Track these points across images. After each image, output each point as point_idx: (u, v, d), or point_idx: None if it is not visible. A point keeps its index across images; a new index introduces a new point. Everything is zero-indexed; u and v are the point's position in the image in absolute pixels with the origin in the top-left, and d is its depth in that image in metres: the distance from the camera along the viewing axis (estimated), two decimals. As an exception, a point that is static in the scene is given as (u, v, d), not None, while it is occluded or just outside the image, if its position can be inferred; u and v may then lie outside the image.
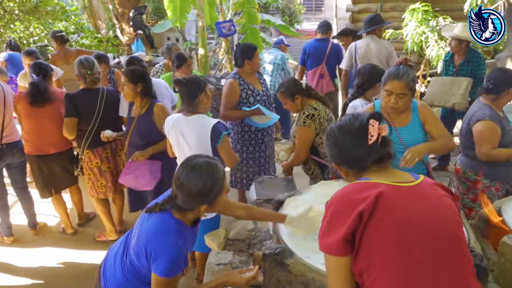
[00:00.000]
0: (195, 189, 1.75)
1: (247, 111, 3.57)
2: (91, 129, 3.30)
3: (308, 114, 2.93)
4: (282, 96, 3.04)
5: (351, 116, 1.47)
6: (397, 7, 9.67)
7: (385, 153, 1.39)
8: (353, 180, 1.42)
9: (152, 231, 1.80)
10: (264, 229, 2.66)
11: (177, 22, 7.78)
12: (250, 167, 3.84)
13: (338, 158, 1.47)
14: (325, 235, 1.29)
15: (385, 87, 2.41)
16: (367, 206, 1.23)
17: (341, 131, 1.44)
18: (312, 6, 18.29)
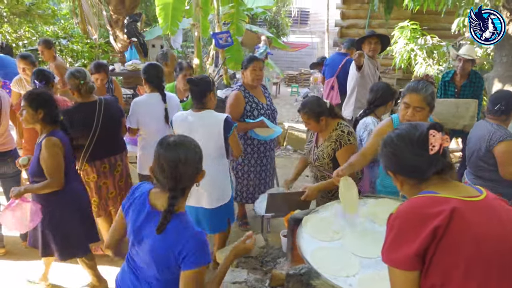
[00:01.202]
0: (191, 157, 1.72)
1: (251, 123, 3.55)
2: (90, 143, 3.18)
3: (348, 131, 2.89)
4: (306, 116, 2.91)
5: (410, 126, 1.47)
6: (384, 24, 9.90)
7: (447, 164, 1.39)
8: (410, 190, 1.43)
9: (172, 236, 1.65)
10: (276, 246, 2.63)
11: (168, 30, 7.73)
12: (251, 180, 3.82)
13: (396, 167, 1.46)
14: (393, 249, 1.28)
15: (403, 99, 2.46)
16: (442, 222, 1.21)
17: (401, 140, 1.43)
18: (297, 20, 18.51)
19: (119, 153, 3.41)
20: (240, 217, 4.14)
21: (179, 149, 1.70)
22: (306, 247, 2.06)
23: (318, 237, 2.15)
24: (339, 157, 2.88)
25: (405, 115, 2.44)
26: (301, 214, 2.34)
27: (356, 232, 2.20)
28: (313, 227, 2.22)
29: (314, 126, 2.95)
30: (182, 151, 1.70)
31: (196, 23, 5.95)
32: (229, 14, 6.57)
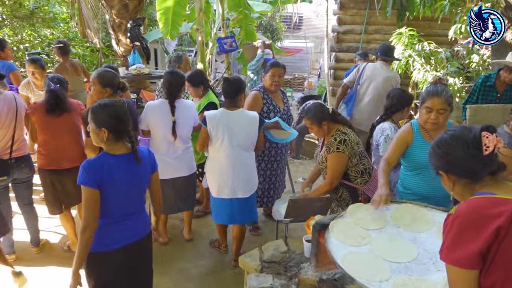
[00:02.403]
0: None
1: (266, 123, 3.59)
2: None
3: (340, 139, 2.94)
4: (309, 121, 3.03)
5: (462, 127, 1.52)
6: (380, 30, 10.04)
7: (501, 164, 1.44)
8: (462, 190, 1.48)
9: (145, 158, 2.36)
10: (298, 251, 2.65)
11: (168, 35, 7.73)
12: (260, 184, 3.83)
13: (449, 167, 1.50)
14: (453, 248, 1.32)
15: (424, 104, 2.52)
16: (504, 223, 1.25)
17: (455, 140, 1.48)
18: (291, 24, 18.64)
19: None
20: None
21: (121, 104, 2.26)
22: (336, 252, 2.08)
23: (346, 242, 2.17)
24: (327, 161, 3.01)
25: (429, 119, 2.51)
26: (328, 219, 2.36)
27: (382, 237, 2.23)
28: (340, 232, 2.24)
29: (317, 131, 3.07)
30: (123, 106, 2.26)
31: (200, 28, 5.96)
32: (238, 19, 6.58)
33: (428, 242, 2.15)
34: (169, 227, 3.93)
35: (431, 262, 1.99)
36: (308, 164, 6.04)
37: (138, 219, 2.36)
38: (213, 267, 3.52)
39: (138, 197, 2.34)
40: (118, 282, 2.31)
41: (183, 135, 3.54)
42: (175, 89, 3.48)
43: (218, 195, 3.35)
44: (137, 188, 2.30)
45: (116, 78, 3.23)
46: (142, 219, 2.40)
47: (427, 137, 2.61)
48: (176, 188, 3.61)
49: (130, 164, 2.21)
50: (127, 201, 2.25)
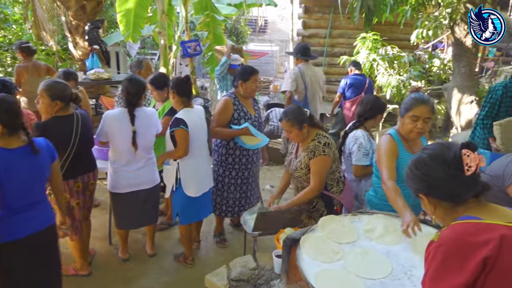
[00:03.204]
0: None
1: (236, 130, 3.49)
2: (65, 161, 2.95)
3: (325, 142, 2.83)
4: (290, 124, 2.85)
5: (441, 145, 1.41)
6: (344, 34, 10.12)
7: (485, 185, 1.34)
8: (444, 214, 1.37)
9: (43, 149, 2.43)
10: (267, 267, 2.52)
11: (130, 38, 7.47)
12: (231, 193, 3.71)
13: (429, 189, 1.39)
14: (437, 279, 1.21)
15: (410, 113, 2.46)
16: (492, 252, 1.16)
17: (435, 160, 1.37)
18: (256, 28, 18.59)
19: (92, 171, 3.20)
20: (218, 233, 4.00)
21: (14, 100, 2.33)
22: (308, 270, 1.97)
23: (318, 259, 2.06)
24: (311, 166, 2.86)
25: (414, 128, 2.46)
26: (298, 234, 2.25)
27: (355, 251, 2.13)
28: (311, 248, 2.13)
29: (297, 134, 2.89)
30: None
31: (162, 31, 5.76)
32: (205, 23, 6.41)
33: (402, 255, 2.08)
34: (131, 242, 3.71)
35: (406, 277, 1.92)
36: (275, 170, 5.93)
37: (41, 210, 2.45)
38: (177, 284, 3.33)
39: (39, 188, 2.43)
40: (22, 272, 2.38)
41: (145, 145, 3.35)
42: (135, 97, 3.28)
43: (197, 194, 3.41)
44: (37, 179, 2.39)
45: (67, 90, 2.96)
46: (44, 209, 2.49)
47: (408, 148, 2.56)
48: (139, 201, 3.40)
49: (27, 156, 2.28)
50: (27, 192, 2.33)
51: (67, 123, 2.98)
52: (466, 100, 6.21)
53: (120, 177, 3.32)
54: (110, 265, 3.54)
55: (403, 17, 6.73)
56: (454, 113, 6.39)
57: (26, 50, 4.67)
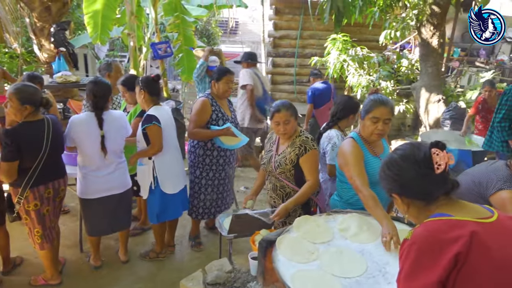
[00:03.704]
0: None
1: (216, 130, 3.47)
2: (36, 167, 2.86)
3: (312, 138, 2.84)
4: (289, 113, 2.78)
5: (411, 145, 1.44)
6: (314, 35, 10.21)
7: (454, 183, 1.37)
8: (417, 212, 1.40)
9: None
10: (243, 270, 2.50)
11: (98, 40, 7.30)
12: (208, 194, 3.69)
13: (402, 189, 1.42)
14: (411, 277, 1.23)
15: (370, 114, 2.45)
16: (463, 249, 1.18)
17: (406, 161, 1.40)
18: (227, 29, 18.54)
19: (62, 177, 3.10)
20: (193, 236, 3.95)
21: None
22: (284, 271, 1.97)
23: (294, 259, 2.06)
24: (303, 163, 2.82)
25: (375, 129, 2.45)
26: (274, 235, 2.24)
27: (330, 251, 2.14)
28: (287, 249, 2.13)
29: (292, 127, 2.83)
30: None
31: (132, 33, 5.66)
32: (175, 24, 6.33)
33: (376, 253, 2.10)
34: (103, 248, 3.61)
35: (381, 275, 1.94)
36: (248, 172, 5.92)
37: None
38: (152, 290, 3.27)
39: None
40: None
41: (114, 149, 3.28)
42: (101, 100, 3.20)
43: (175, 190, 3.48)
44: None
45: (37, 94, 2.87)
46: None
47: (371, 150, 2.56)
48: (110, 207, 3.32)
49: None
50: None
51: (38, 129, 2.89)
52: (434, 99, 6.38)
53: (89, 182, 3.23)
54: (82, 273, 3.44)
55: (371, 18, 6.87)
56: (423, 112, 6.56)
57: None
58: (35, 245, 3.06)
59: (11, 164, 2.76)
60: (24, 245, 3.71)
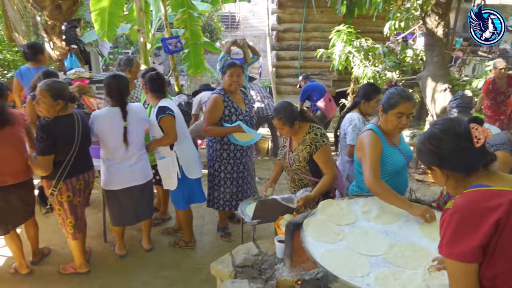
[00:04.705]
0: None
1: (228, 127, 3.53)
2: (69, 160, 2.97)
3: (321, 133, 2.93)
4: (281, 122, 2.92)
5: (450, 120, 1.51)
6: (318, 28, 10.28)
7: (493, 155, 1.46)
8: (456, 184, 1.48)
9: None
10: (270, 253, 2.61)
11: (105, 37, 7.38)
12: (228, 187, 3.76)
13: (441, 161, 1.49)
14: (454, 243, 1.32)
15: (395, 110, 2.49)
16: (503, 215, 1.27)
17: (446, 134, 1.47)
18: (228, 24, 18.57)
19: (91, 169, 3.22)
20: (222, 227, 4.06)
21: None
22: (314, 251, 2.07)
23: (322, 240, 2.17)
24: (318, 160, 2.94)
25: (399, 124, 2.51)
26: (300, 218, 2.34)
27: (355, 232, 2.25)
28: (314, 231, 2.23)
29: (288, 131, 2.97)
30: None
31: (141, 29, 5.73)
32: (182, 19, 6.40)
33: (400, 233, 2.21)
34: (126, 238, 3.72)
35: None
36: (261, 163, 6.02)
37: None
38: (177, 277, 3.37)
39: None
40: None
41: (136, 141, 3.38)
42: (124, 93, 3.31)
43: (199, 175, 3.70)
44: None
45: (67, 89, 2.98)
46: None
47: (389, 141, 2.62)
48: (133, 197, 3.43)
49: None
50: None
51: (69, 123, 3.00)
52: (440, 88, 6.45)
53: (113, 174, 3.34)
54: (107, 262, 3.55)
55: (375, 9, 6.92)
56: (429, 101, 6.63)
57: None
58: (68, 235, 3.17)
59: (47, 157, 2.87)
60: (50, 236, 3.84)
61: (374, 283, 1.83)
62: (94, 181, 3.28)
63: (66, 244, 3.58)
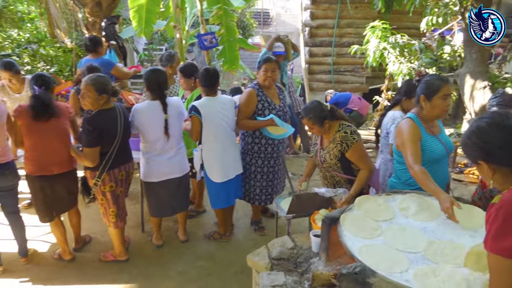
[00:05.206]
0: None
1: (261, 121, 3.57)
2: (112, 151, 3.09)
3: (351, 130, 2.95)
4: (310, 122, 2.96)
5: (497, 114, 1.50)
6: (352, 24, 10.16)
7: None
8: (503, 178, 1.46)
9: None
10: (305, 247, 2.63)
11: (142, 33, 7.55)
12: (258, 181, 3.80)
13: (488, 156, 1.48)
14: (499, 238, 1.31)
15: (440, 93, 2.52)
16: None
17: (494, 128, 1.46)
18: (260, 20, 18.62)
19: (131, 161, 3.34)
20: (255, 221, 4.12)
21: None
22: (351, 246, 2.08)
23: (359, 235, 2.17)
24: (351, 157, 2.96)
25: (446, 106, 2.55)
26: (337, 213, 2.36)
27: (393, 228, 2.24)
28: (351, 225, 2.24)
29: (318, 130, 3.01)
30: None
31: (178, 25, 5.84)
32: (218, 15, 6.48)
33: (438, 230, 2.19)
34: (162, 229, 3.83)
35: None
36: (291, 159, 6.04)
37: None
38: (213, 267, 3.46)
39: None
40: None
41: (175, 134, 3.47)
42: (164, 86, 3.41)
43: (223, 179, 3.58)
44: None
45: (110, 83, 3.11)
46: None
47: (428, 130, 2.62)
48: (171, 189, 3.53)
49: None
50: None
51: (113, 116, 3.12)
52: (479, 85, 6.27)
53: (152, 166, 3.44)
54: (145, 251, 3.67)
55: (411, 5, 6.78)
56: (468, 99, 6.46)
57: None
58: (110, 224, 3.30)
59: (94, 149, 3.00)
60: (91, 225, 4.00)
61: (413, 279, 1.83)
62: (133, 172, 3.39)
63: (105, 233, 3.72)
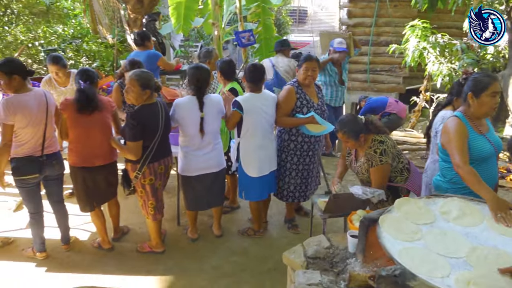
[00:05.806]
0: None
1: (301, 118, 3.57)
2: (153, 145, 3.18)
3: (380, 151, 2.96)
4: (345, 136, 2.99)
5: None
6: (390, 23, 9.95)
7: None
8: None
9: None
10: (341, 247, 2.62)
11: (181, 30, 7.70)
12: (292, 178, 3.80)
13: None
14: None
15: (488, 91, 2.48)
16: None
17: None
18: (296, 18, 18.55)
19: (170, 155, 3.42)
20: (289, 219, 4.12)
21: None
22: (391, 248, 2.06)
23: (399, 238, 2.14)
24: (372, 173, 3.01)
25: (494, 104, 2.51)
26: (376, 214, 2.33)
27: (434, 232, 2.20)
28: (391, 227, 2.21)
29: (353, 144, 3.05)
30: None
31: (216, 22, 5.91)
32: (256, 13, 6.52)
33: (482, 236, 2.13)
34: (197, 223, 3.90)
35: (489, 256, 1.97)
36: (328, 158, 6.00)
37: None
38: (246, 263, 3.49)
39: None
40: None
41: (212, 131, 3.52)
42: (203, 85, 3.45)
43: (258, 174, 3.62)
44: None
45: (153, 79, 3.18)
46: None
47: (476, 129, 2.57)
48: (207, 184, 3.59)
49: None
50: None
51: (155, 111, 3.19)
52: (524, 88, 6.05)
53: (190, 161, 3.50)
54: (180, 244, 3.75)
55: (454, 3, 6.58)
56: (511, 101, 6.23)
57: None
58: (148, 216, 3.39)
59: (137, 143, 3.09)
60: (129, 216, 4.12)
61: (455, 285, 1.80)
62: (172, 166, 3.47)
63: (143, 224, 3.83)
